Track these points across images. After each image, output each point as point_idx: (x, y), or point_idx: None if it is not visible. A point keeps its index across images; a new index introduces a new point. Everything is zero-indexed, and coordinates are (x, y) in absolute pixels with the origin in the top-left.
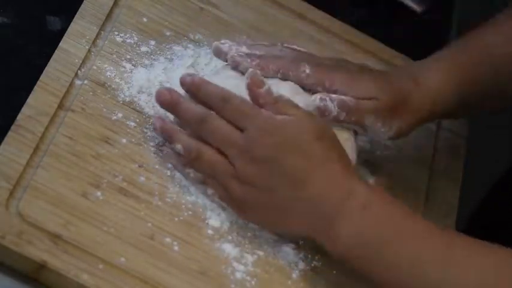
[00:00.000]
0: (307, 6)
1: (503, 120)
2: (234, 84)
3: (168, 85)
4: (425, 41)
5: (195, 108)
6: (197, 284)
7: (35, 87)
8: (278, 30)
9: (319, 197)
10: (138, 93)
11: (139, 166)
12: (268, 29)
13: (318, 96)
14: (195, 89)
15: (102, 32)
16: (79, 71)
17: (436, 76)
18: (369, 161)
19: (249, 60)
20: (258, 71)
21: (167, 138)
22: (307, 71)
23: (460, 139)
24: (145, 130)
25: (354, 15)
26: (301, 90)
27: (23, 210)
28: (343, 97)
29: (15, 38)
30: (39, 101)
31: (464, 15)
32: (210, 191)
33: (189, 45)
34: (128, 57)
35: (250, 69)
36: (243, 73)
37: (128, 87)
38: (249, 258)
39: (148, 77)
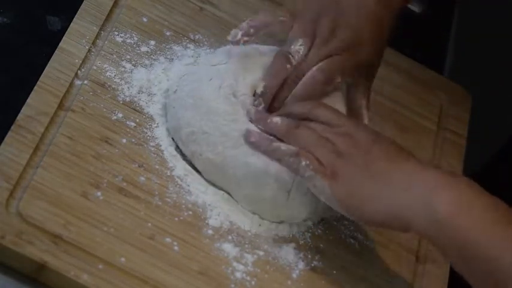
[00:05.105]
0: None
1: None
2: (216, 71)
3: (168, 83)
4: (425, 41)
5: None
6: (197, 284)
7: (35, 87)
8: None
9: (416, 172)
10: (138, 93)
11: (139, 166)
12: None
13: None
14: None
15: (102, 32)
16: (79, 71)
17: None
18: None
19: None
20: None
21: (258, 120)
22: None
23: (460, 139)
24: (145, 130)
25: None
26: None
27: (23, 210)
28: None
29: (15, 38)
30: (39, 101)
31: (464, 15)
32: (304, 162)
33: (189, 45)
34: (128, 57)
35: None
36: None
37: (128, 87)
38: (249, 258)
39: (148, 77)
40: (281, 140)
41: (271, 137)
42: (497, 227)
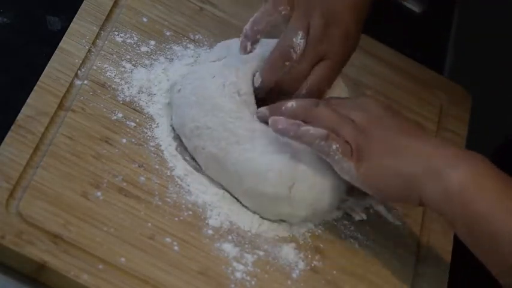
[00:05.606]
0: None
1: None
2: (218, 68)
3: (168, 83)
4: (425, 41)
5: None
6: (197, 284)
7: (35, 87)
8: (277, 28)
9: (429, 145)
10: (138, 93)
11: (139, 166)
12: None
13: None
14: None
15: (102, 32)
16: (79, 71)
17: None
18: None
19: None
20: None
21: (273, 112)
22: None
23: (460, 139)
24: (145, 130)
25: None
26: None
27: (23, 210)
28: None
29: (15, 38)
30: (39, 101)
31: (464, 15)
32: (334, 146)
33: (189, 45)
34: (128, 57)
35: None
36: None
37: (128, 87)
38: (249, 258)
39: (148, 77)
40: None
41: (299, 121)
42: (508, 202)
